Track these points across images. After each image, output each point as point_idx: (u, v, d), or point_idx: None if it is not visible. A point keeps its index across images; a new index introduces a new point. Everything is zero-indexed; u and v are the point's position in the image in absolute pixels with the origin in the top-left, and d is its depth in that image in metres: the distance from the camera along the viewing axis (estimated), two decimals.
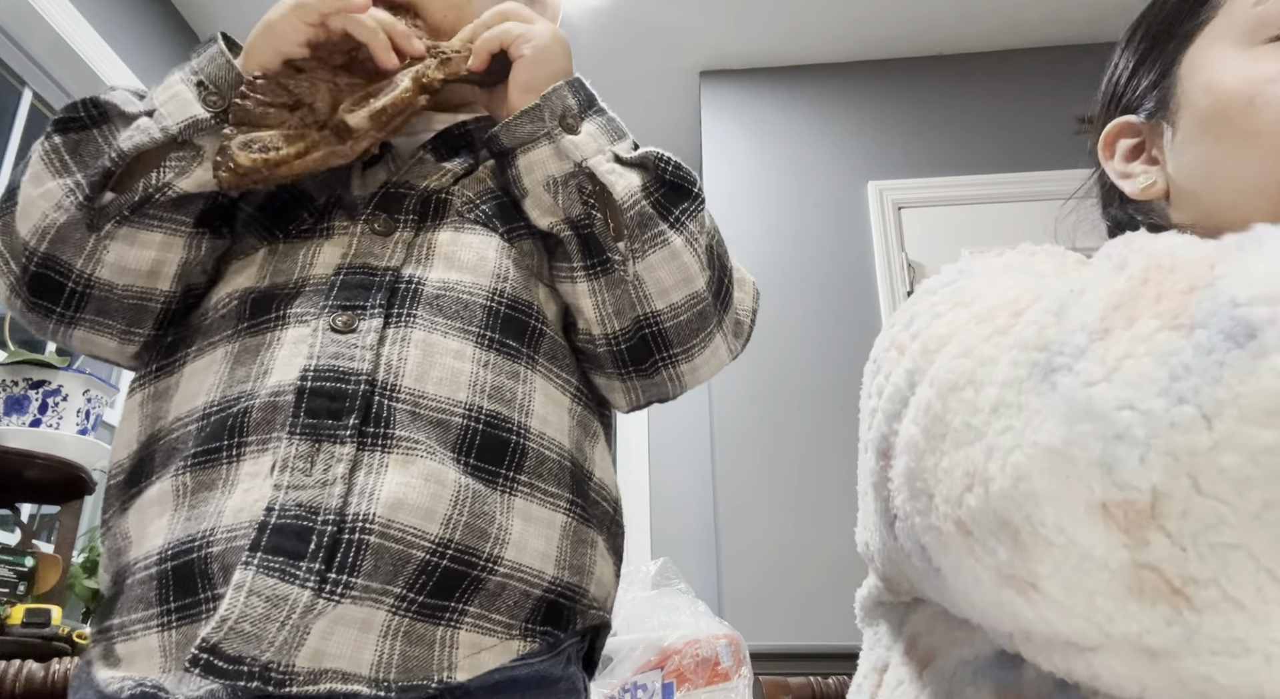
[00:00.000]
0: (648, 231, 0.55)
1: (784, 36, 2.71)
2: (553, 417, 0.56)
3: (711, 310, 0.58)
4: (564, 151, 0.55)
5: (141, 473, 0.53)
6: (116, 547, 0.53)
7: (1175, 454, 0.24)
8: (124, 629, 0.49)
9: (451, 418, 0.51)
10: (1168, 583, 0.26)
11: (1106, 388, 0.26)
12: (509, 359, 0.55)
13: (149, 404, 0.56)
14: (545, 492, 0.54)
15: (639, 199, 0.55)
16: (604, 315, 0.57)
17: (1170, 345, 0.26)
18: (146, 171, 0.53)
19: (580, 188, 0.55)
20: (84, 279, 0.54)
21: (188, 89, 0.53)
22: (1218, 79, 0.53)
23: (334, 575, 0.46)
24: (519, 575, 0.51)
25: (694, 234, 0.57)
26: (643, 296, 0.56)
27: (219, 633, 0.44)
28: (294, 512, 0.46)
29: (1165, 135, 0.57)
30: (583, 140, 0.56)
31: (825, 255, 2.54)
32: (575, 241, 0.57)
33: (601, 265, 0.56)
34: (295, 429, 0.48)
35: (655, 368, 0.59)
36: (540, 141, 0.56)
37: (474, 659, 0.49)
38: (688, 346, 0.59)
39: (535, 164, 0.56)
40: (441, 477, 0.49)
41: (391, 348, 0.52)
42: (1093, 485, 0.27)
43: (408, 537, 0.47)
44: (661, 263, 0.56)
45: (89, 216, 0.52)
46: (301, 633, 0.45)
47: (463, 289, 0.55)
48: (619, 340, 0.58)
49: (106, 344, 0.57)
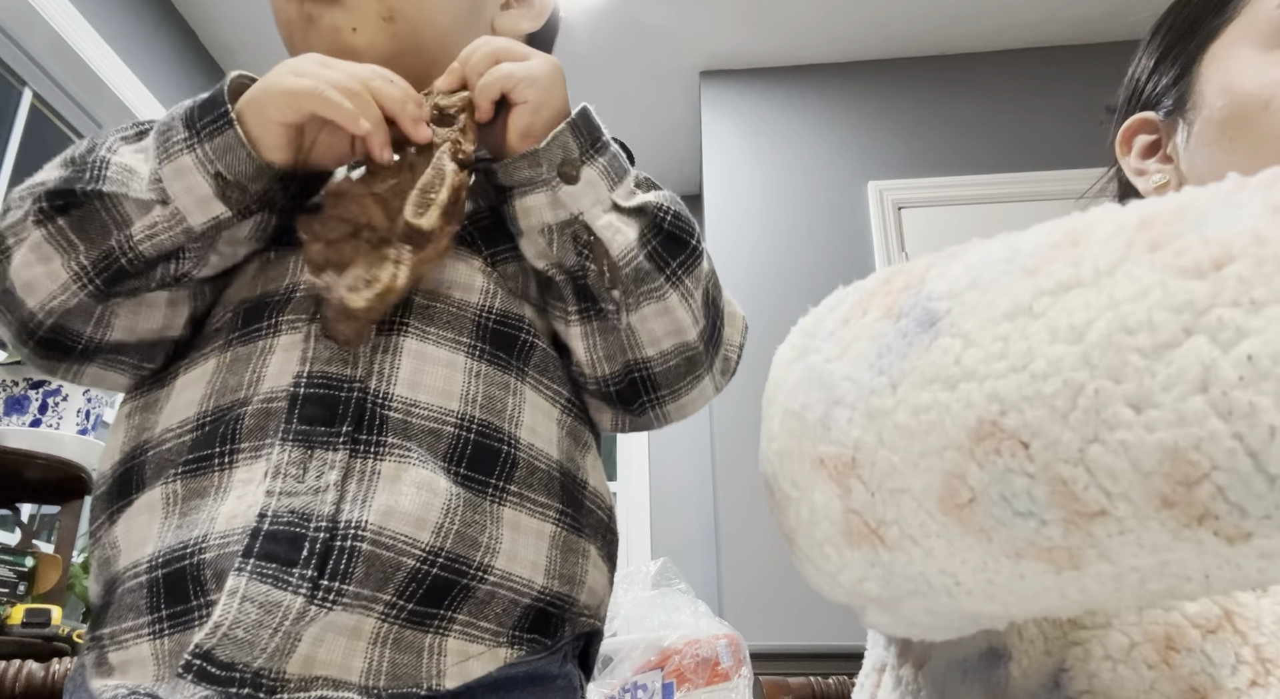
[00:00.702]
0: (642, 286, 0.55)
1: (784, 36, 2.71)
2: (541, 428, 0.56)
3: (702, 357, 0.59)
4: (560, 202, 0.54)
5: (130, 484, 0.53)
6: (105, 556, 0.52)
7: (870, 414, 0.30)
8: (115, 638, 0.49)
9: (444, 427, 0.51)
10: (867, 525, 0.31)
11: (838, 364, 0.33)
12: (499, 370, 0.55)
13: (136, 416, 0.55)
14: (535, 502, 0.54)
15: (635, 255, 0.54)
16: (595, 359, 0.57)
17: (881, 330, 0.32)
18: (162, 261, 0.51)
19: (575, 237, 0.54)
20: (95, 342, 0.53)
21: (205, 181, 0.49)
22: (1235, 80, 0.53)
23: (326, 582, 0.46)
24: (508, 584, 0.51)
25: (689, 289, 0.56)
26: (634, 344, 0.56)
27: (212, 639, 0.44)
28: (286, 518, 0.46)
29: (1180, 134, 0.57)
30: (580, 190, 0.54)
31: (825, 255, 2.54)
32: (569, 285, 0.56)
33: (595, 311, 0.56)
34: (288, 436, 0.48)
35: (643, 408, 0.60)
36: (537, 188, 0.54)
37: (462, 667, 0.49)
38: (675, 389, 0.59)
39: (531, 209, 0.54)
40: (433, 485, 0.49)
41: (384, 355, 0.52)
42: (816, 441, 0.33)
43: (399, 544, 0.47)
44: (655, 315, 0.56)
45: (98, 301, 0.51)
46: (293, 640, 0.45)
47: (452, 303, 0.55)
48: (609, 383, 0.58)
49: (118, 379, 0.57)
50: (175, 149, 0.49)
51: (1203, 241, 0.24)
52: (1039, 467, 0.26)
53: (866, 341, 0.32)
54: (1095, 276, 0.26)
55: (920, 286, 0.32)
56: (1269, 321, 0.22)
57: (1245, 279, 0.23)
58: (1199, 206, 0.26)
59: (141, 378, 0.57)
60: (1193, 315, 0.23)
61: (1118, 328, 0.24)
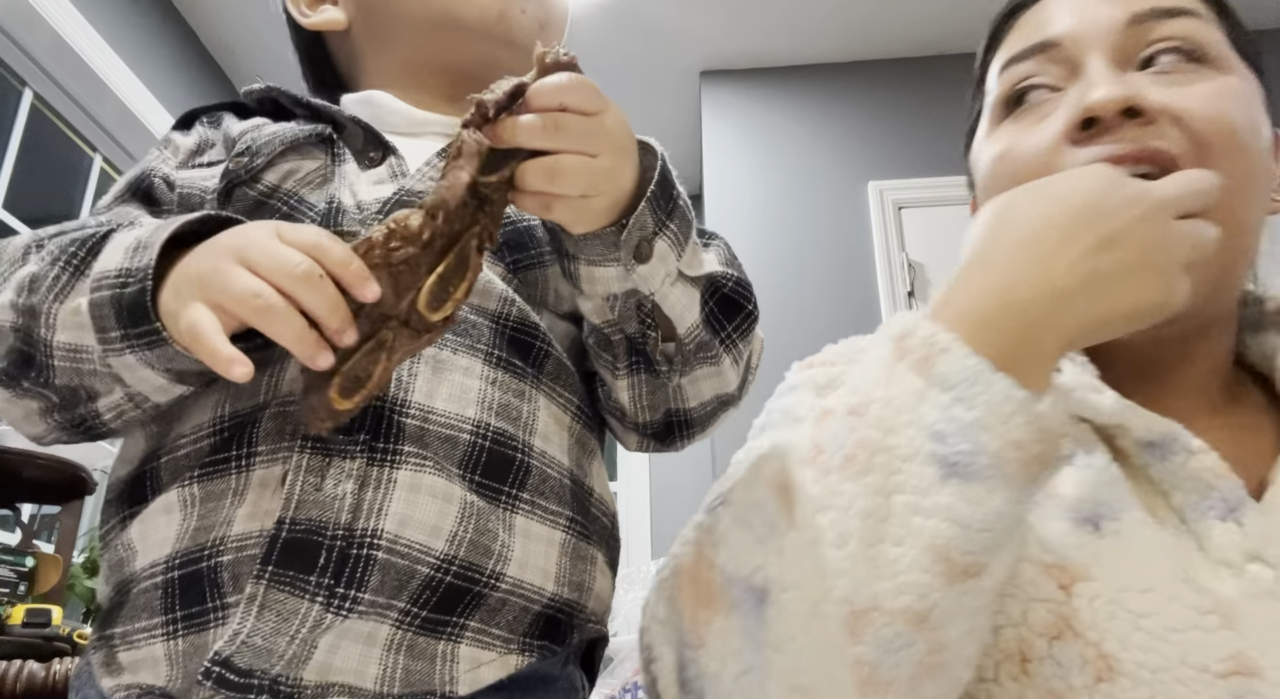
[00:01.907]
0: (700, 354, 0.56)
1: (784, 36, 2.71)
2: (555, 435, 0.56)
3: (735, 399, 0.62)
4: (631, 279, 0.51)
5: (145, 487, 0.53)
6: (118, 557, 0.52)
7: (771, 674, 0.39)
8: (126, 638, 0.49)
9: (460, 434, 0.51)
10: None
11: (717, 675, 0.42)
12: (515, 378, 0.55)
13: (151, 424, 0.55)
14: (546, 510, 0.54)
15: (698, 330, 0.55)
16: (639, 408, 0.59)
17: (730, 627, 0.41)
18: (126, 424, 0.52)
19: (640, 306, 0.53)
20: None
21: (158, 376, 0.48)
22: (980, 161, 0.60)
23: (342, 590, 0.46)
24: (520, 592, 0.51)
25: (740, 352, 0.58)
26: (680, 398, 0.58)
27: (231, 646, 0.44)
28: (304, 526, 0.46)
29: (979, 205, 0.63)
30: (653, 267, 0.50)
31: (825, 255, 2.54)
32: (623, 346, 0.56)
33: (645, 367, 0.57)
34: (306, 442, 0.48)
35: (673, 441, 0.62)
36: (609, 263, 0.50)
37: (474, 674, 0.49)
38: (706, 428, 0.62)
39: (599, 279, 0.51)
40: (448, 493, 0.49)
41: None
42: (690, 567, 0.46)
43: (414, 552, 0.47)
44: (706, 377, 0.57)
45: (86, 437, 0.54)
46: (309, 647, 0.45)
47: (471, 310, 0.55)
48: (648, 428, 0.61)
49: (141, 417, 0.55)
50: (115, 348, 0.46)
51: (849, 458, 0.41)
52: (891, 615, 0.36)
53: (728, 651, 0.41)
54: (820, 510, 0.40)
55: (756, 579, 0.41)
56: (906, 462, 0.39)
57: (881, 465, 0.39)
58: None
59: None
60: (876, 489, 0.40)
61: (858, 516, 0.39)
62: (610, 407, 0.61)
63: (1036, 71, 0.55)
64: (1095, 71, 0.52)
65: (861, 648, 0.36)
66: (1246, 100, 0.51)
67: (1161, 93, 0.50)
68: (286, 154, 0.57)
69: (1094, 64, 0.52)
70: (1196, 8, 0.54)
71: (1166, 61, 0.52)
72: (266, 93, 0.63)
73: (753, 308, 0.58)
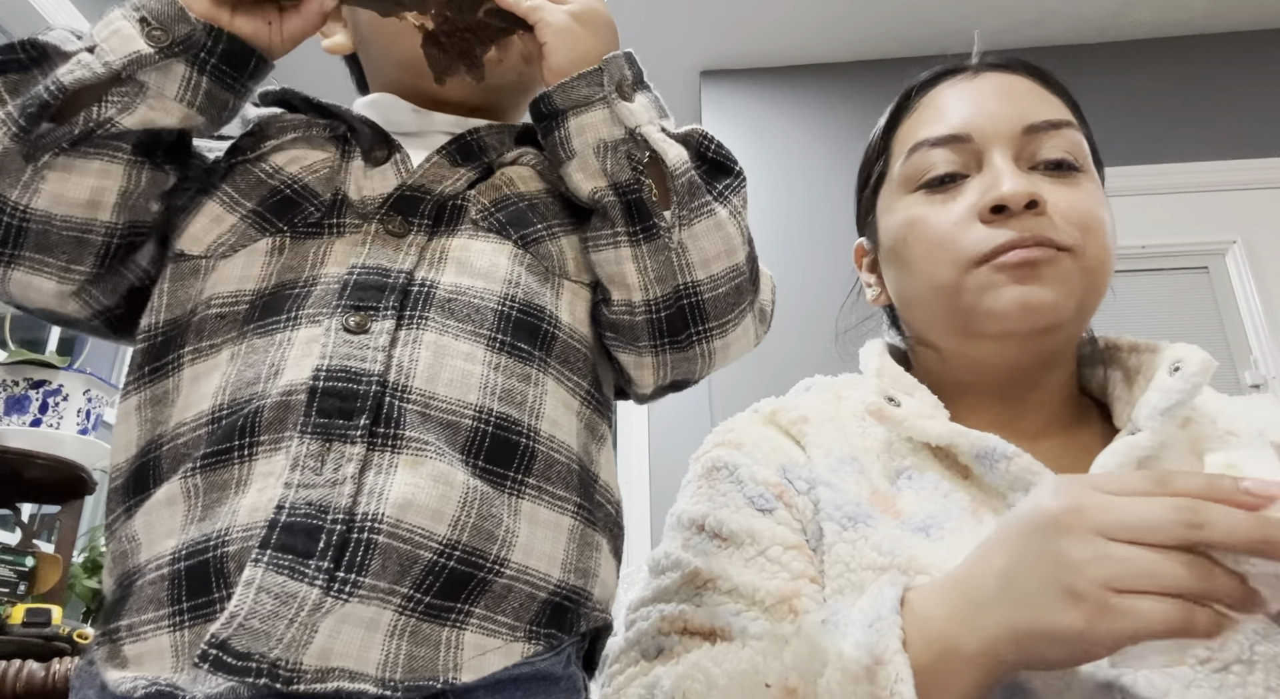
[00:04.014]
0: (695, 200, 0.56)
1: (784, 36, 2.71)
2: (563, 420, 0.56)
3: (748, 286, 0.60)
4: (619, 117, 0.56)
5: (147, 478, 0.53)
6: (122, 550, 0.52)
7: None
8: (133, 630, 0.49)
9: (462, 420, 0.51)
10: None
11: None
12: (520, 362, 0.55)
13: (146, 409, 0.55)
14: (553, 495, 0.54)
15: (689, 168, 0.56)
16: (647, 281, 0.57)
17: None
18: (86, 105, 0.51)
19: (630, 154, 0.56)
20: (20, 211, 0.52)
21: (130, 25, 0.52)
22: (889, 222, 0.71)
23: (342, 574, 0.46)
24: (526, 578, 0.51)
25: (737, 208, 0.58)
26: (685, 265, 0.57)
27: (228, 629, 0.44)
28: (304, 510, 0.46)
29: (879, 257, 0.75)
30: (637, 108, 0.57)
31: (826, 255, 2.54)
32: (619, 207, 0.57)
33: (645, 231, 0.56)
34: (307, 428, 0.48)
35: (690, 341, 0.59)
36: (596, 105, 0.56)
37: (479, 661, 0.49)
38: (723, 322, 0.59)
39: (588, 126, 0.56)
40: (450, 478, 0.49)
41: (403, 349, 0.52)
42: None
43: (416, 537, 0.47)
44: (707, 232, 0.56)
45: (24, 147, 0.50)
46: (309, 631, 0.45)
47: (474, 294, 0.55)
48: (659, 308, 0.58)
49: (44, 285, 0.54)
50: (108, 13, 0.53)
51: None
52: None
53: None
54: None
55: None
56: None
57: None
58: None
59: (75, 297, 0.56)
60: None
61: None
62: (618, 309, 0.59)
63: (945, 158, 0.68)
64: (1001, 166, 0.65)
65: None
66: (1103, 198, 0.67)
67: (1053, 193, 0.64)
68: (297, 141, 0.59)
69: (998, 160, 0.66)
70: (1071, 118, 0.68)
71: (1052, 167, 0.66)
72: (281, 94, 0.65)
73: (739, 169, 0.59)
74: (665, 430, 2.80)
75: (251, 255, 0.56)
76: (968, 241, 0.64)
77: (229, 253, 0.56)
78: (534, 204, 0.60)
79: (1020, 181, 0.63)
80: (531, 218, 0.59)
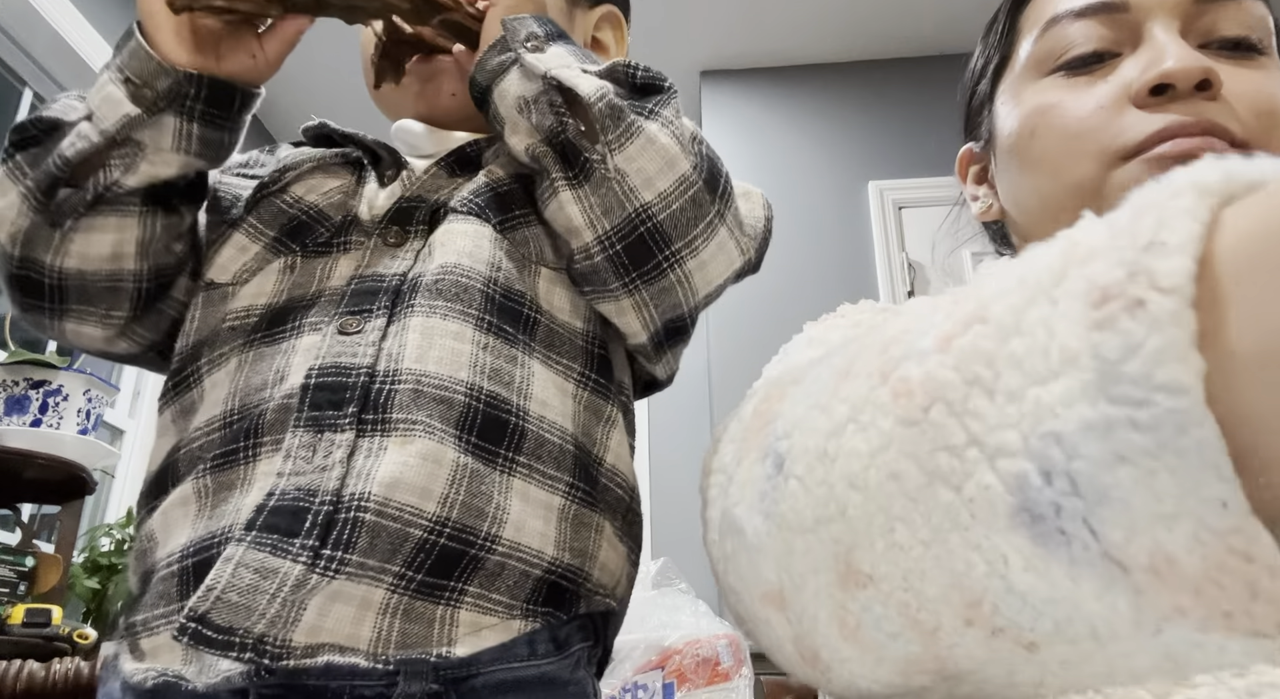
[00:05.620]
0: (620, 122, 0.54)
1: (784, 36, 2.71)
2: (554, 401, 0.56)
3: (705, 197, 0.56)
4: (530, 70, 0.56)
5: (166, 480, 0.55)
6: (143, 548, 0.55)
7: (772, 556, 0.33)
8: (147, 625, 0.51)
9: (455, 396, 0.52)
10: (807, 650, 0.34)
11: (739, 508, 0.36)
12: (506, 343, 0.55)
13: (178, 421, 0.57)
14: (544, 474, 0.54)
15: (606, 92, 0.54)
16: (593, 218, 0.56)
17: (756, 474, 0.35)
18: (94, 170, 0.55)
19: (550, 102, 0.56)
20: (56, 272, 0.57)
21: (117, 88, 0.55)
22: (1012, 113, 0.58)
23: (328, 552, 0.46)
24: (518, 555, 0.51)
25: (668, 119, 0.55)
26: (629, 190, 0.54)
27: (205, 602, 0.45)
28: (292, 495, 0.47)
29: (993, 163, 0.62)
30: (548, 57, 0.57)
31: (826, 255, 2.54)
32: (552, 156, 0.56)
33: (580, 168, 0.55)
34: (300, 422, 0.50)
35: (660, 269, 0.57)
36: (510, 69, 0.58)
37: (474, 636, 0.49)
38: (689, 239, 0.56)
39: (507, 91, 0.57)
40: (439, 456, 0.50)
41: (392, 340, 0.53)
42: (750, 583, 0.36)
43: (405, 515, 0.48)
44: (640, 151, 0.54)
45: (48, 216, 0.55)
46: (297, 608, 0.46)
47: (460, 272, 0.56)
48: (614, 240, 0.56)
49: (92, 332, 0.60)
50: (100, 76, 0.56)
51: (904, 381, 0.26)
52: (885, 595, 0.28)
53: (751, 486, 0.35)
54: (857, 417, 0.28)
55: (773, 424, 0.35)
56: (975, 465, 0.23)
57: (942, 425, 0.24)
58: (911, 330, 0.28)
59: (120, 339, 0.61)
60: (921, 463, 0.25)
61: (885, 475, 0.27)
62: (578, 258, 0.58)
63: (1092, 32, 0.54)
64: (1166, 40, 0.51)
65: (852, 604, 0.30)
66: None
67: (1231, 76, 0.50)
68: (314, 171, 0.63)
69: (1160, 33, 0.52)
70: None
71: (1229, 47, 0.52)
72: (319, 128, 0.69)
73: (669, 85, 0.57)
74: (665, 429, 2.80)
75: (266, 275, 0.59)
76: (1116, 129, 0.51)
77: (250, 278, 0.60)
78: (511, 190, 0.61)
79: (1191, 55, 0.50)
80: (509, 204, 0.60)
